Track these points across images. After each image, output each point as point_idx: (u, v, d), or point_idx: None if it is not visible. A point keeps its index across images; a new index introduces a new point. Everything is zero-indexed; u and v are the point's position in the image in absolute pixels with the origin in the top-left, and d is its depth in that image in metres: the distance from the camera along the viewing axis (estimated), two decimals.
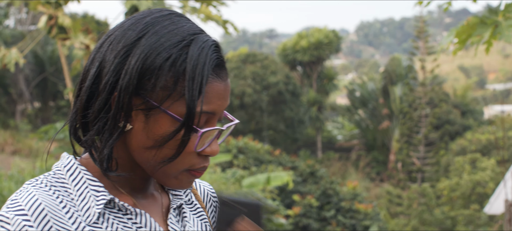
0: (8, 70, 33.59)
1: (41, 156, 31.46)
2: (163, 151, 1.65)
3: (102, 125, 1.64)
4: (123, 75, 1.61)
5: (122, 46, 1.63)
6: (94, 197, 1.65)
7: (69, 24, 9.79)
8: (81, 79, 1.69)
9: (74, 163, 1.71)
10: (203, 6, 10.04)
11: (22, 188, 1.65)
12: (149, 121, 1.63)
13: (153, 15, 1.69)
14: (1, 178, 14.39)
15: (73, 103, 1.72)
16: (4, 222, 1.53)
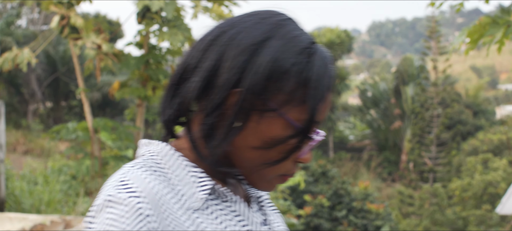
0: (20, 70, 33.71)
1: (53, 155, 31.57)
2: (270, 153, 1.64)
3: (216, 120, 1.63)
4: (250, 74, 1.59)
5: (248, 44, 1.62)
6: (196, 183, 1.64)
7: (81, 24, 9.80)
8: (183, 67, 1.68)
9: (171, 148, 1.68)
10: (215, 6, 10.04)
11: (124, 170, 1.61)
12: (262, 122, 1.62)
13: (275, 17, 1.69)
14: (13, 178, 14.42)
15: (169, 91, 1.71)
16: (117, 204, 1.51)
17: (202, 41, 1.68)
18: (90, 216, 1.54)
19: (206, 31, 1.71)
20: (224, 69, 1.61)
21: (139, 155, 1.71)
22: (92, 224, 1.52)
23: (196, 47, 1.68)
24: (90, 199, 10.93)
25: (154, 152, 1.68)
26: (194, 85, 1.63)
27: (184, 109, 1.67)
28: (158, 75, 10.46)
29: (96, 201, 1.55)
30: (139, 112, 10.75)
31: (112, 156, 10.75)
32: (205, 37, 1.69)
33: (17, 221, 10.28)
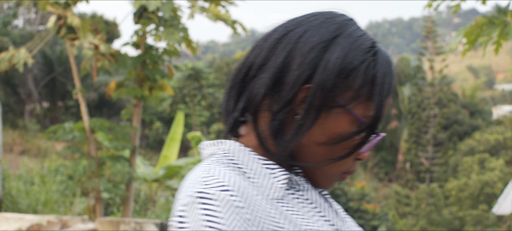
0: (17, 70, 33.69)
1: (50, 156, 31.55)
2: (335, 149, 1.66)
3: (285, 116, 1.64)
4: (320, 71, 1.62)
5: (317, 41, 1.64)
6: (272, 174, 1.65)
7: (78, 24, 9.79)
8: (247, 65, 1.70)
9: (241, 145, 1.69)
10: (212, 6, 10.04)
11: (204, 168, 1.62)
12: (329, 118, 1.64)
13: (340, 17, 1.73)
14: (10, 178, 14.41)
15: (233, 89, 1.73)
16: (209, 199, 1.50)
17: (267, 40, 1.70)
18: (178, 215, 1.54)
19: (269, 31, 1.73)
20: (294, 66, 1.63)
21: (207, 154, 1.73)
22: (184, 223, 1.52)
23: (261, 46, 1.71)
24: (87, 199, 10.92)
25: (225, 149, 1.69)
26: (263, 82, 1.65)
27: (252, 106, 1.68)
28: (154, 75, 10.46)
29: (182, 200, 1.55)
30: (136, 113, 10.75)
31: (109, 156, 10.75)
32: (269, 36, 1.71)
33: (14, 221, 10.27)
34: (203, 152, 1.75)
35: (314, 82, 1.61)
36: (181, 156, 35.12)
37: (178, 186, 16.66)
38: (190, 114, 46.77)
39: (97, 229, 9.79)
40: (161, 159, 19.03)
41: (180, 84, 47.73)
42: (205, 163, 1.65)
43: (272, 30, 1.72)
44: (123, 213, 11.00)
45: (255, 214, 1.54)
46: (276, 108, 1.63)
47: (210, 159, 1.67)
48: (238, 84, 1.71)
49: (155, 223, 9.78)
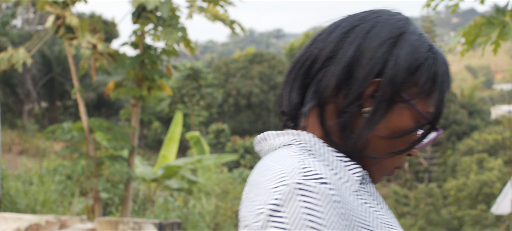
0: (15, 70, 33.68)
1: (48, 155, 31.53)
2: (396, 143, 1.68)
3: (355, 109, 1.65)
4: (391, 66, 1.64)
5: (386, 37, 1.67)
6: (347, 167, 1.65)
7: (76, 24, 9.79)
8: (312, 58, 1.72)
9: (313, 136, 1.68)
10: (210, 6, 10.04)
11: (295, 156, 1.58)
12: (394, 112, 1.66)
13: (400, 15, 1.77)
14: (8, 178, 14.40)
15: (295, 80, 1.74)
16: (310, 191, 1.46)
17: (331, 33, 1.72)
18: (273, 204, 1.48)
19: (330, 25, 1.76)
20: (364, 60, 1.65)
21: (278, 145, 1.70)
22: (281, 214, 1.46)
23: (324, 39, 1.73)
24: (85, 199, 10.92)
25: (301, 140, 1.68)
26: (334, 74, 1.66)
27: (320, 99, 1.68)
28: (153, 75, 10.46)
29: (276, 190, 1.49)
30: (134, 112, 10.74)
31: (108, 156, 10.75)
32: (333, 30, 1.73)
33: (12, 221, 10.27)
34: (271, 142, 1.73)
35: (385, 77, 1.63)
36: (179, 155, 35.16)
37: (176, 185, 16.65)
38: (188, 114, 46.78)
39: (95, 229, 9.79)
40: (159, 158, 19.04)
41: (178, 84, 47.73)
42: (289, 153, 1.61)
43: (334, 25, 1.75)
44: (122, 213, 11.00)
45: (347, 209, 1.52)
46: (347, 102, 1.64)
47: (290, 149, 1.64)
48: (302, 76, 1.72)
49: (154, 223, 9.78)
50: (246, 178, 23.72)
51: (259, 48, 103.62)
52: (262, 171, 1.60)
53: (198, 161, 19.48)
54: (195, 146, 23.99)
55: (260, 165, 1.65)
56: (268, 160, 1.63)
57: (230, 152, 38.11)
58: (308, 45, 1.74)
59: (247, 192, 1.63)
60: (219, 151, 39.43)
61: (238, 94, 51.99)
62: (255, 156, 37.64)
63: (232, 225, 15.50)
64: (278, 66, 53.07)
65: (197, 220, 14.97)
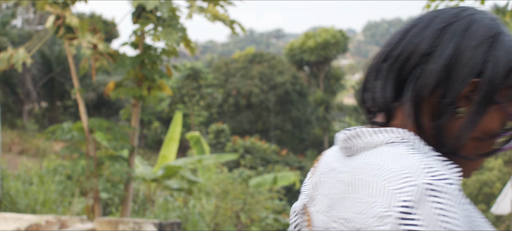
0: (15, 70, 33.66)
1: (48, 155, 31.52)
2: (484, 145, 1.67)
3: (453, 109, 1.63)
4: (491, 66, 1.62)
5: (484, 36, 1.65)
6: (448, 167, 1.57)
7: (76, 24, 9.79)
8: (406, 53, 1.68)
9: (410, 133, 1.65)
10: (210, 6, 10.04)
11: (408, 158, 1.53)
12: (486, 114, 1.64)
13: (490, 13, 1.73)
14: (8, 178, 14.40)
15: (388, 75, 1.69)
16: (440, 192, 1.43)
17: (425, 28, 1.69)
18: (405, 206, 1.44)
19: (420, 19, 1.72)
20: (464, 59, 1.62)
21: (378, 142, 1.64)
22: (415, 216, 1.42)
23: (418, 34, 1.69)
24: (85, 199, 10.92)
25: (406, 139, 1.63)
26: (433, 72, 1.63)
27: (418, 96, 1.64)
28: (153, 75, 10.47)
29: (407, 191, 1.45)
30: (134, 112, 10.75)
31: (107, 156, 10.75)
32: (427, 24, 1.70)
33: (12, 221, 10.27)
34: (368, 140, 1.66)
35: (484, 78, 1.61)
36: (179, 155, 35.13)
37: (176, 186, 16.65)
38: (188, 114, 46.77)
39: (95, 229, 9.79)
40: (159, 158, 19.03)
41: (178, 84, 47.73)
42: (401, 152, 1.57)
43: (425, 19, 1.71)
44: (122, 213, 11.00)
45: (468, 210, 1.50)
46: (446, 102, 1.62)
47: (398, 148, 1.60)
48: (396, 72, 1.68)
49: (154, 223, 9.78)
50: (246, 178, 23.71)
51: (259, 48, 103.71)
52: (371, 170, 1.55)
53: (198, 161, 19.48)
54: (195, 146, 23.98)
55: (361, 164, 1.60)
56: (375, 158, 1.58)
57: (230, 151, 38.11)
58: (399, 39, 1.70)
59: (345, 192, 1.60)
60: (219, 151, 39.43)
61: (238, 94, 51.99)
62: (255, 156, 37.66)
63: (232, 225, 15.50)
64: (278, 66, 53.07)
65: (197, 220, 14.97)
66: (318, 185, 1.74)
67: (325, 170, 1.75)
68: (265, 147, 38.17)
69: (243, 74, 52.96)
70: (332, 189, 1.66)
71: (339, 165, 1.69)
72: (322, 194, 1.71)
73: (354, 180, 1.58)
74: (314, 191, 1.75)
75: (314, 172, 1.81)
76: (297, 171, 26.78)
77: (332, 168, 1.72)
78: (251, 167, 35.28)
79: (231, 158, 22.81)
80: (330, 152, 1.81)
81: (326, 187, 1.70)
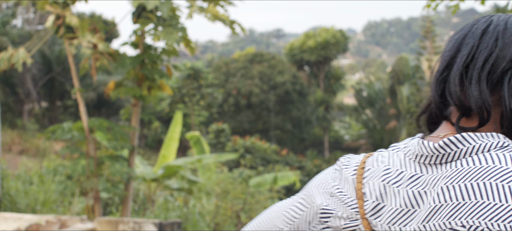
0: (15, 70, 33.67)
1: (48, 155, 31.52)
2: None
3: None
4: None
5: None
6: None
7: (76, 23, 9.79)
8: (492, 61, 1.70)
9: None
10: (211, 6, 10.04)
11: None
12: None
13: None
14: (8, 178, 14.40)
15: (481, 79, 1.71)
16: None
17: (504, 34, 1.72)
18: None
19: (483, 23, 1.76)
20: None
21: (489, 146, 1.64)
22: None
23: (497, 38, 1.73)
24: (86, 199, 10.92)
25: (507, 142, 1.65)
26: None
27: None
28: (153, 75, 10.47)
29: None
30: (135, 112, 10.75)
31: (108, 155, 10.75)
32: (503, 30, 1.74)
33: (12, 221, 10.27)
34: (476, 145, 1.65)
35: None
36: (179, 155, 35.15)
37: (176, 185, 16.66)
38: (189, 114, 46.77)
39: (95, 228, 9.79)
40: (159, 158, 19.04)
41: (179, 84, 47.72)
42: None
43: (492, 24, 1.75)
44: (122, 213, 11.01)
45: None
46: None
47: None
48: (488, 77, 1.70)
49: (154, 222, 9.78)
50: (246, 178, 23.73)
51: (259, 48, 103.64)
52: (504, 175, 1.53)
53: (198, 161, 19.49)
54: (195, 145, 23.98)
55: (487, 168, 1.57)
56: (501, 161, 1.57)
57: (230, 151, 38.11)
58: (476, 44, 1.73)
59: (465, 197, 1.55)
60: (219, 151, 39.43)
61: (238, 94, 51.97)
62: (255, 156, 37.65)
63: (232, 225, 15.49)
64: (278, 66, 53.05)
65: (197, 220, 14.97)
66: (387, 194, 1.72)
67: (395, 178, 1.72)
68: (265, 146, 38.17)
69: (243, 74, 52.94)
70: (444, 195, 1.60)
71: (426, 173, 1.68)
72: (395, 203, 1.69)
73: (477, 185, 1.55)
74: (379, 201, 1.73)
75: (370, 180, 1.77)
76: (297, 170, 26.81)
77: (410, 176, 1.70)
78: (251, 167, 35.27)
79: (231, 157, 22.82)
80: (384, 158, 1.80)
81: (406, 196, 1.68)
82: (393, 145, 1.82)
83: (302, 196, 1.91)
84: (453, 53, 1.74)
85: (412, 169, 1.70)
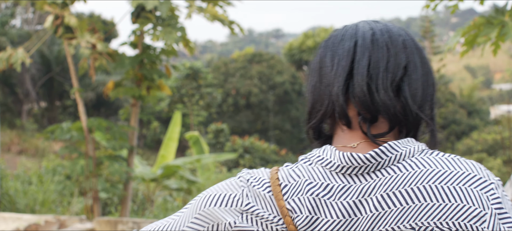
0: (14, 70, 33.64)
1: (47, 155, 31.52)
2: None
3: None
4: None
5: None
6: None
7: (75, 23, 9.79)
8: (393, 67, 1.78)
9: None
10: (210, 6, 10.04)
11: (463, 161, 1.71)
12: None
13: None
14: (7, 178, 14.39)
15: None
16: (501, 186, 1.67)
17: (391, 43, 1.82)
18: (498, 204, 1.66)
19: (368, 34, 1.82)
20: (429, 67, 1.84)
21: (414, 151, 1.73)
22: (505, 210, 1.66)
23: (389, 48, 1.81)
24: (85, 199, 10.92)
25: (423, 146, 1.75)
26: (419, 82, 1.81)
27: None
28: (152, 75, 10.47)
29: (492, 191, 1.67)
30: (134, 112, 10.75)
31: (107, 155, 10.75)
32: (390, 38, 1.82)
33: (12, 221, 10.27)
34: (401, 151, 1.71)
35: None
36: (178, 155, 35.14)
37: (175, 185, 16.65)
38: (188, 114, 46.75)
39: (95, 229, 9.79)
40: (158, 158, 19.03)
41: (178, 84, 47.70)
42: (449, 157, 1.71)
43: (380, 32, 1.82)
44: (121, 213, 11.00)
45: None
46: (432, 107, 1.83)
47: (439, 154, 1.73)
48: (392, 85, 1.80)
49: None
50: None
51: (258, 48, 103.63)
52: (437, 177, 1.65)
53: (197, 161, 19.48)
54: (194, 145, 23.99)
55: (424, 172, 1.66)
56: (432, 165, 1.68)
57: (229, 151, 38.10)
58: (371, 54, 1.78)
59: (409, 202, 1.64)
60: (219, 151, 39.42)
61: (237, 94, 51.97)
62: (254, 156, 37.59)
63: None
64: (277, 66, 53.06)
65: None
66: (319, 207, 1.69)
67: (323, 191, 1.70)
68: (264, 146, 38.11)
69: (242, 74, 52.94)
70: (370, 206, 1.67)
71: (354, 183, 1.70)
72: (332, 215, 1.68)
73: (430, 186, 1.65)
74: (312, 215, 1.70)
75: (295, 196, 1.72)
76: None
77: (339, 187, 1.70)
78: (250, 167, 35.21)
79: (230, 156, 22.81)
80: (300, 172, 1.76)
81: (342, 207, 1.69)
82: (302, 158, 1.80)
83: (193, 219, 1.79)
84: (349, 63, 1.76)
85: (338, 180, 1.71)
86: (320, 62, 1.82)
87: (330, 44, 1.84)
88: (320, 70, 1.81)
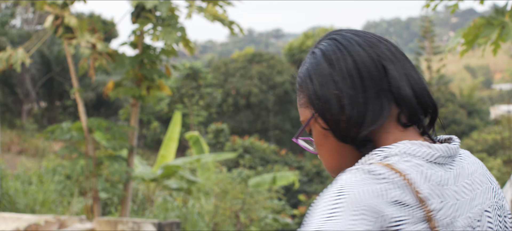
0: (14, 70, 33.62)
1: (47, 155, 31.52)
2: None
3: None
4: None
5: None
6: None
7: (75, 24, 9.79)
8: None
9: None
10: (210, 6, 10.04)
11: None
12: None
13: None
14: (7, 178, 14.39)
15: None
16: None
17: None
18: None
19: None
20: None
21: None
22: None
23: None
24: (85, 199, 10.92)
25: None
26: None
27: None
28: (152, 75, 10.46)
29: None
30: (134, 112, 10.74)
31: (107, 155, 10.75)
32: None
33: (12, 221, 10.27)
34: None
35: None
36: (178, 155, 35.12)
37: (175, 185, 16.66)
38: (188, 114, 46.75)
39: (95, 228, 9.79)
40: (158, 158, 19.03)
41: (178, 84, 47.71)
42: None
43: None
44: (121, 213, 11.00)
45: None
46: None
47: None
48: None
49: (153, 222, 9.78)
50: (245, 178, 23.69)
51: (258, 48, 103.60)
52: (480, 165, 1.94)
53: (197, 161, 19.48)
54: (194, 145, 23.98)
55: (475, 160, 1.95)
56: (471, 156, 1.97)
57: (229, 151, 38.10)
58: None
59: (492, 182, 1.92)
60: (219, 151, 39.41)
61: (237, 94, 51.97)
62: (254, 156, 37.56)
63: (231, 225, 15.49)
64: (277, 66, 53.05)
65: (196, 220, 14.97)
66: (443, 194, 1.80)
67: (438, 179, 1.81)
68: (264, 146, 38.08)
69: (242, 74, 52.94)
70: (465, 190, 1.84)
71: (449, 170, 1.86)
72: (452, 201, 1.80)
73: (483, 174, 1.92)
74: (441, 200, 1.79)
75: (422, 185, 1.77)
76: (296, 170, 26.77)
77: (442, 173, 1.83)
78: (250, 167, 35.20)
79: (229, 156, 22.81)
80: (414, 165, 1.81)
81: (457, 191, 1.82)
82: (405, 154, 1.83)
83: (361, 214, 1.70)
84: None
85: (437, 168, 1.83)
86: (354, 69, 1.92)
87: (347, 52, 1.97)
88: (361, 79, 1.89)
